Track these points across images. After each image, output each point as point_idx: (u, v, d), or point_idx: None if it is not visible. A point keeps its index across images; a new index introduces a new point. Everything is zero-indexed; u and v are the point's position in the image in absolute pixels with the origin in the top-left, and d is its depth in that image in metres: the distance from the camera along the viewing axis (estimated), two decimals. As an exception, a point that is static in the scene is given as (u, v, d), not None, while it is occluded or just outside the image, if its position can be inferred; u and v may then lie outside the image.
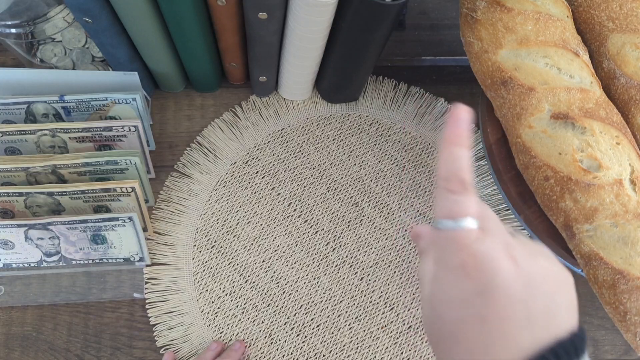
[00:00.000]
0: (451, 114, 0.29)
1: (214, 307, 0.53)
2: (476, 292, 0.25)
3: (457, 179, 0.28)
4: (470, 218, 0.27)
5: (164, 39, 0.50)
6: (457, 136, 0.29)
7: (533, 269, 0.26)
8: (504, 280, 0.25)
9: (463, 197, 0.27)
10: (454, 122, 0.29)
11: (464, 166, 0.28)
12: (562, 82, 0.44)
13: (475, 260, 0.26)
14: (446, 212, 0.27)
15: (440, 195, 0.28)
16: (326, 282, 0.55)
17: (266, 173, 0.58)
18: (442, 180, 0.28)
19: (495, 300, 0.25)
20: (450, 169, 0.28)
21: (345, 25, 0.47)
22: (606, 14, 0.48)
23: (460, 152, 0.28)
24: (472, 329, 0.25)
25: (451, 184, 0.28)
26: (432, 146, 0.60)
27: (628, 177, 0.42)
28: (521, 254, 0.26)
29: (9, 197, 0.50)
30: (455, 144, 0.28)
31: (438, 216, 0.28)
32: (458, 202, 0.27)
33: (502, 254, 0.26)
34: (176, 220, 0.56)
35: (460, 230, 0.27)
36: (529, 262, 0.26)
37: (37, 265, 0.52)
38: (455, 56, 0.64)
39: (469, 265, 0.26)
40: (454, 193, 0.27)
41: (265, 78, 0.57)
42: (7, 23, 0.51)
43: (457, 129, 0.29)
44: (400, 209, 0.57)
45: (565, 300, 0.26)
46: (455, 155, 0.28)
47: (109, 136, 0.53)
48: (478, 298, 0.25)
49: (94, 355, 0.52)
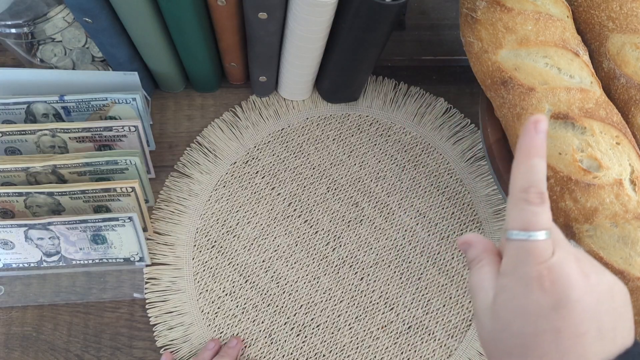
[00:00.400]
0: (529, 123, 0.28)
1: (214, 307, 0.53)
2: (551, 306, 0.26)
3: (536, 190, 0.27)
4: (546, 231, 0.27)
5: (164, 39, 0.50)
6: (536, 147, 0.28)
7: (602, 283, 0.27)
8: (579, 295, 0.26)
9: (540, 209, 0.27)
10: (533, 132, 0.28)
11: (542, 178, 0.28)
12: (562, 82, 0.44)
13: (552, 274, 0.26)
14: (522, 223, 0.27)
15: (516, 206, 0.28)
16: (326, 282, 0.55)
17: (266, 173, 0.58)
18: (519, 191, 0.28)
19: (570, 315, 0.25)
20: (530, 181, 0.28)
21: (345, 25, 0.47)
22: (606, 14, 0.48)
23: (539, 163, 0.28)
24: (546, 342, 0.26)
25: (530, 195, 0.27)
26: (432, 146, 0.60)
27: (628, 177, 0.42)
28: (590, 268, 0.27)
29: (9, 197, 0.50)
30: (534, 155, 0.28)
31: (512, 227, 0.28)
32: (536, 213, 0.27)
33: (575, 269, 0.26)
34: (176, 220, 0.56)
35: (536, 243, 0.27)
36: (598, 276, 0.27)
37: (37, 265, 0.52)
38: (455, 56, 0.64)
39: (545, 279, 0.26)
40: (532, 204, 0.27)
41: (265, 78, 0.57)
42: (7, 23, 0.51)
43: (536, 140, 0.28)
44: (400, 209, 0.57)
45: (628, 314, 0.27)
46: (534, 167, 0.28)
47: (109, 136, 0.53)
48: (553, 312, 0.26)
49: (94, 355, 0.52)
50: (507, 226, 0.28)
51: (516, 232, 0.27)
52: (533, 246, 0.27)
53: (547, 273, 0.26)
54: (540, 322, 0.26)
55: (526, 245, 0.27)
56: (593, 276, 0.26)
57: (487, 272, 0.29)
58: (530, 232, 0.27)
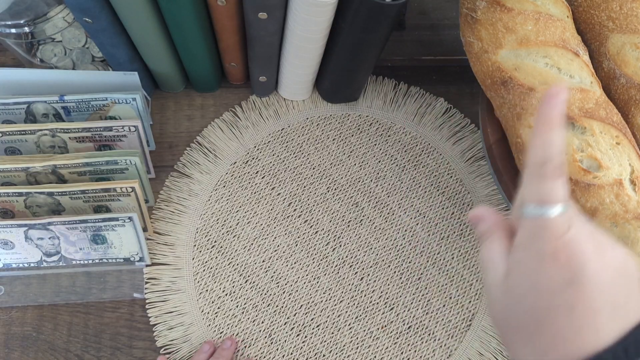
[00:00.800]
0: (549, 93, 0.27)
1: (214, 307, 0.53)
2: (566, 282, 0.25)
3: (553, 164, 0.26)
4: (562, 205, 0.26)
5: (164, 39, 0.50)
6: (555, 118, 0.27)
7: (616, 258, 0.26)
8: (594, 270, 0.25)
9: (557, 184, 0.26)
10: (553, 101, 0.27)
11: (559, 151, 0.27)
12: (562, 82, 0.44)
13: (567, 250, 0.26)
14: (538, 198, 0.27)
15: (533, 180, 0.27)
16: (326, 282, 0.55)
17: (266, 173, 0.58)
18: (536, 165, 0.27)
19: (585, 291, 0.25)
20: (548, 153, 0.27)
21: (345, 25, 0.47)
22: (606, 14, 0.48)
23: (558, 135, 0.27)
24: (560, 317, 0.26)
25: (547, 169, 0.26)
26: (432, 146, 0.60)
27: (628, 177, 0.42)
28: (605, 243, 0.27)
29: (9, 197, 0.50)
30: (553, 126, 0.27)
31: (528, 201, 0.27)
32: (552, 188, 0.26)
33: (591, 244, 0.26)
34: (176, 220, 0.56)
35: (552, 218, 0.26)
36: (613, 252, 0.26)
37: (37, 265, 0.52)
38: (455, 56, 0.64)
39: (561, 254, 0.26)
40: (549, 179, 0.26)
41: (265, 78, 0.57)
42: (7, 23, 0.51)
43: (555, 110, 0.27)
44: (400, 209, 0.57)
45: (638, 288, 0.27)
46: (552, 138, 0.27)
47: (109, 136, 0.53)
48: (568, 288, 0.25)
49: (94, 355, 0.52)
50: (523, 200, 0.27)
51: (532, 206, 0.27)
52: (549, 221, 0.26)
53: (562, 248, 0.26)
54: (554, 297, 0.26)
55: (542, 220, 0.26)
56: (608, 252, 0.26)
57: (497, 246, 0.29)
58: (547, 207, 0.26)
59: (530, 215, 0.27)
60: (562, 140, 0.27)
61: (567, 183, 0.27)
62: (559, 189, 0.27)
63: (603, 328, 0.25)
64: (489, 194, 0.58)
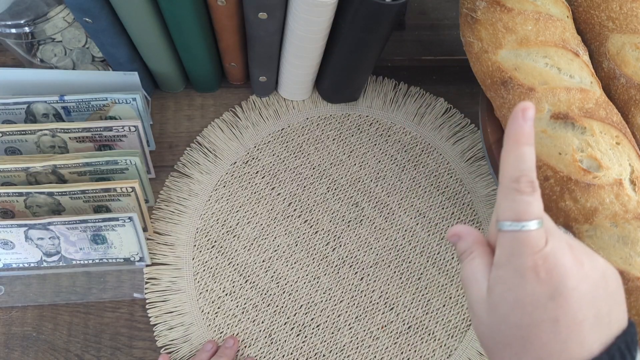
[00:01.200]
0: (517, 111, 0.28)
1: (214, 307, 0.53)
2: (548, 296, 0.26)
3: (527, 179, 0.27)
4: (538, 220, 0.27)
5: (164, 39, 0.50)
6: (525, 135, 0.27)
7: (596, 269, 0.27)
8: (575, 283, 0.26)
9: (532, 198, 0.27)
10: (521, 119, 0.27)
11: (532, 166, 0.27)
12: (562, 82, 0.44)
13: (547, 263, 0.26)
14: (514, 214, 0.27)
15: (507, 196, 0.27)
16: (326, 282, 0.55)
17: (266, 173, 0.58)
18: (510, 180, 0.27)
19: (568, 304, 0.25)
20: (520, 169, 0.27)
21: (345, 25, 0.47)
22: (606, 14, 0.48)
23: (528, 151, 0.27)
24: (545, 332, 0.26)
25: (521, 184, 0.27)
26: (432, 146, 0.60)
27: (628, 177, 0.42)
28: (583, 254, 0.27)
29: (9, 197, 0.50)
30: (523, 143, 0.27)
31: (504, 218, 0.27)
32: (527, 203, 0.27)
33: (569, 256, 0.26)
34: (176, 220, 0.56)
35: (529, 233, 0.26)
36: (591, 263, 0.27)
37: (37, 265, 0.52)
38: (455, 56, 0.64)
39: (541, 268, 0.26)
40: (524, 194, 0.27)
41: (265, 78, 0.57)
42: (7, 23, 0.51)
43: (525, 128, 0.27)
44: (400, 209, 0.57)
45: (620, 297, 0.27)
46: (524, 155, 0.27)
47: (109, 136, 0.53)
48: (551, 302, 0.26)
49: (94, 355, 0.52)
50: (499, 217, 0.28)
51: (509, 222, 0.27)
52: (526, 236, 0.26)
53: (542, 262, 0.26)
54: (537, 312, 0.26)
55: (519, 236, 0.26)
56: (587, 263, 0.26)
57: (478, 264, 0.29)
58: (523, 222, 0.26)
59: (508, 231, 0.27)
60: (533, 155, 0.27)
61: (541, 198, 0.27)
62: (534, 203, 0.27)
63: (588, 339, 0.25)
64: (489, 194, 0.58)
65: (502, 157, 0.28)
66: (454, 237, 0.31)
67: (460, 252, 0.31)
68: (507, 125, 0.28)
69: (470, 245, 0.30)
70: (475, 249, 0.30)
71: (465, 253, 0.30)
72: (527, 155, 0.27)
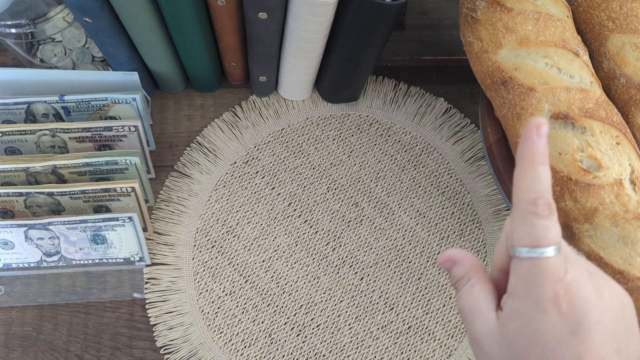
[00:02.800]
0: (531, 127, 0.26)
1: (214, 307, 0.53)
2: (571, 331, 0.24)
3: (544, 202, 0.25)
4: (557, 246, 0.25)
5: (164, 39, 0.50)
6: (540, 153, 0.25)
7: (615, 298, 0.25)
8: (598, 316, 0.24)
9: (550, 222, 0.25)
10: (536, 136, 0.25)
11: (548, 187, 0.25)
12: (562, 82, 0.44)
13: (568, 294, 0.24)
14: (532, 239, 0.25)
15: (524, 220, 0.25)
16: (326, 282, 0.55)
17: (266, 173, 0.58)
18: (526, 203, 0.25)
19: (591, 340, 0.24)
20: (537, 190, 0.25)
21: (345, 25, 0.47)
22: (606, 14, 0.48)
23: (544, 171, 0.25)
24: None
25: (539, 207, 0.25)
26: (432, 146, 0.60)
27: (628, 177, 0.42)
28: (602, 282, 0.26)
29: (9, 197, 0.50)
30: (539, 162, 0.25)
31: (520, 243, 0.25)
32: (546, 227, 0.25)
33: (590, 286, 0.25)
34: (176, 220, 0.56)
35: (548, 260, 0.25)
36: (610, 291, 0.25)
37: (37, 265, 0.52)
38: (455, 56, 0.64)
39: (562, 300, 0.24)
40: (541, 217, 0.25)
41: (265, 78, 0.57)
42: (7, 23, 0.51)
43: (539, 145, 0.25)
44: (400, 209, 0.57)
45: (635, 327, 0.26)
46: (540, 175, 0.25)
47: (109, 136, 0.53)
48: (573, 337, 0.24)
49: (94, 355, 0.52)
50: (514, 243, 0.26)
51: (526, 249, 0.25)
52: (546, 264, 0.24)
53: (563, 293, 0.24)
54: (560, 349, 0.24)
55: (538, 264, 0.25)
56: (606, 292, 0.25)
57: (480, 292, 0.27)
58: (542, 249, 0.25)
59: (525, 258, 0.25)
60: (549, 175, 0.26)
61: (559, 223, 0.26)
62: (553, 228, 0.25)
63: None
64: (489, 194, 0.58)
65: (516, 177, 0.26)
66: (448, 263, 0.29)
67: (456, 279, 0.29)
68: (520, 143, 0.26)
69: (467, 271, 0.28)
70: (474, 275, 0.28)
71: (462, 280, 0.28)
72: (543, 175, 0.25)
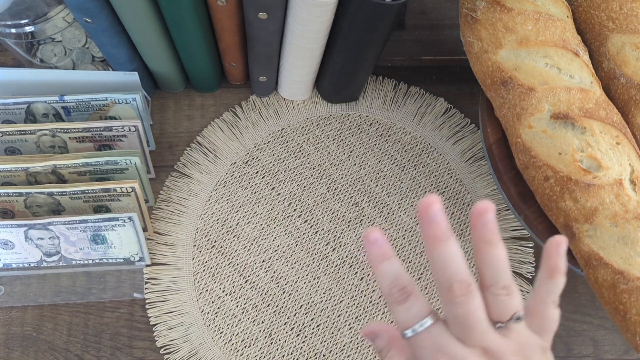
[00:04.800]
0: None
1: (214, 307, 0.53)
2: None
3: (397, 288, 0.28)
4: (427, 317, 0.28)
5: (164, 39, 0.50)
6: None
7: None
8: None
9: (409, 304, 0.28)
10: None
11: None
12: (562, 82, 0.44)
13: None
14: (403, 323, 0.28)
15: (392, 309, 0.28)
16: (326, 282, 0.55)
17: (266, 173, 0.58)
18: (385, 295, 0.28)
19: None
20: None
21: (345, 25, 0.47)
22: (606, 14, 0.48)
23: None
24: None
25: (394, 296, 0.28)
26: (432, 146, 0.60)
27: (628, 177, 0.42)
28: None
29: (9, 197, 0.50)
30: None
31: (401, 328, 0.28)
32: (407, 309, 0.28)
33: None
34: (176, 220, 0.56)
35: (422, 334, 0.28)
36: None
37: (37, 265, 0.52)
38: (455, 56, 0.64)
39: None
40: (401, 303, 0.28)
41: (265, 78, 0.57)
42: (7, 23, 0.51)
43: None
44: (400, 209, 0.57)
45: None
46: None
47: (109, 136, 0.53)
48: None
49: (94, 355, 0.52)
50: (399, 327, 0.29)
51: (405, 331, 0.28)
52: (422, 337, 0.28)
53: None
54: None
55: (417, 339, 0.28)
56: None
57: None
58: (414, 327, 0.28)
59: (409, 337, 0.28)
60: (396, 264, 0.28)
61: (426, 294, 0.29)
62: (413, 306, 0.28)
63: None
64: (489, 194, 0.58)
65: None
66: (371, 335, 0.31)
67: (378, 350, 0.31)
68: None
69: (387, 343, 0.30)
70: (392, 346, 0.30)
71: (383, 351, 0.31)
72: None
